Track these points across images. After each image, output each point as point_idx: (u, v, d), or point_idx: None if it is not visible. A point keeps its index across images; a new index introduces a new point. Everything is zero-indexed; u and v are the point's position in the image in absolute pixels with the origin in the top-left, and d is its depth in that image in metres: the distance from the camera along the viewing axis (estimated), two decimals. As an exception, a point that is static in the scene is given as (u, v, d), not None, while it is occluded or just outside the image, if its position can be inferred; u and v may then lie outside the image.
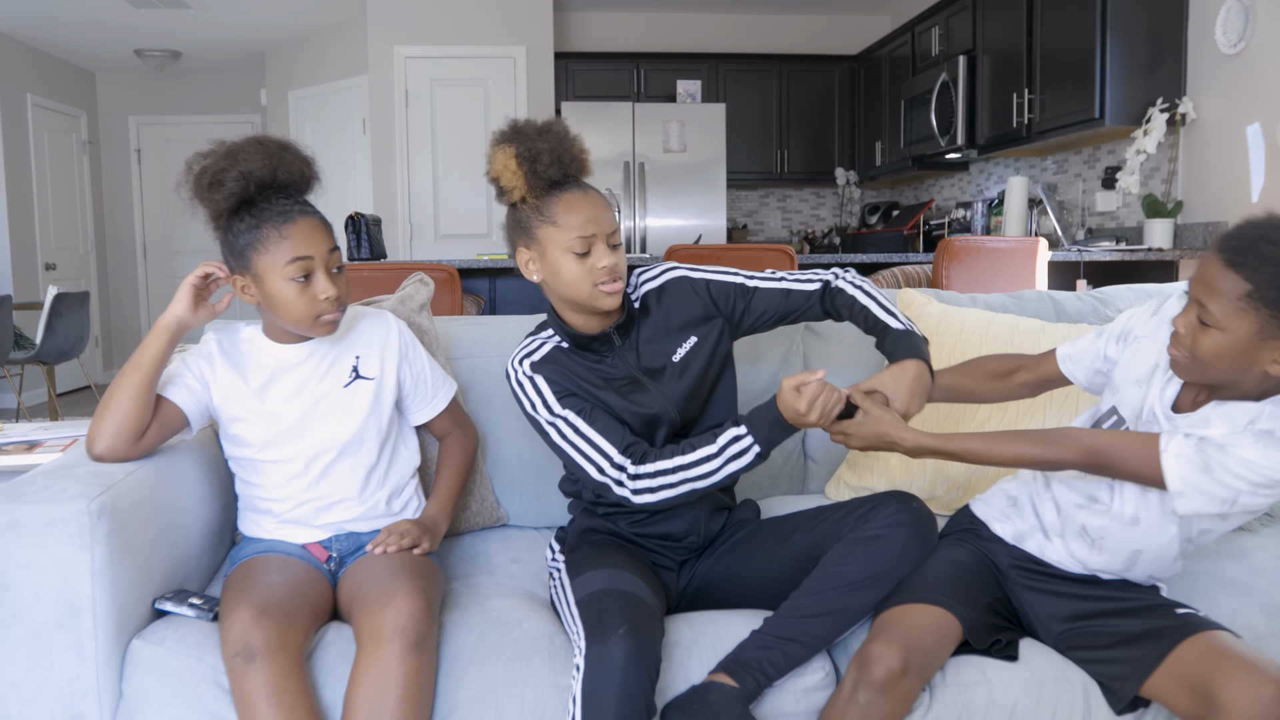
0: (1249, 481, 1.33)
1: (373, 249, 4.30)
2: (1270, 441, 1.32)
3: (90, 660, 1.42)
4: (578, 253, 1.60)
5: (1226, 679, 1.31)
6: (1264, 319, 1.28)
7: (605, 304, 1.63)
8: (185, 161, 1.64)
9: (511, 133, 1.63)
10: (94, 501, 1.42)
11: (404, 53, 6.82)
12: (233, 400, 1.69)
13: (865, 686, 1.40)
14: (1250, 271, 1.28)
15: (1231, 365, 1.34)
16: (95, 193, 8.64)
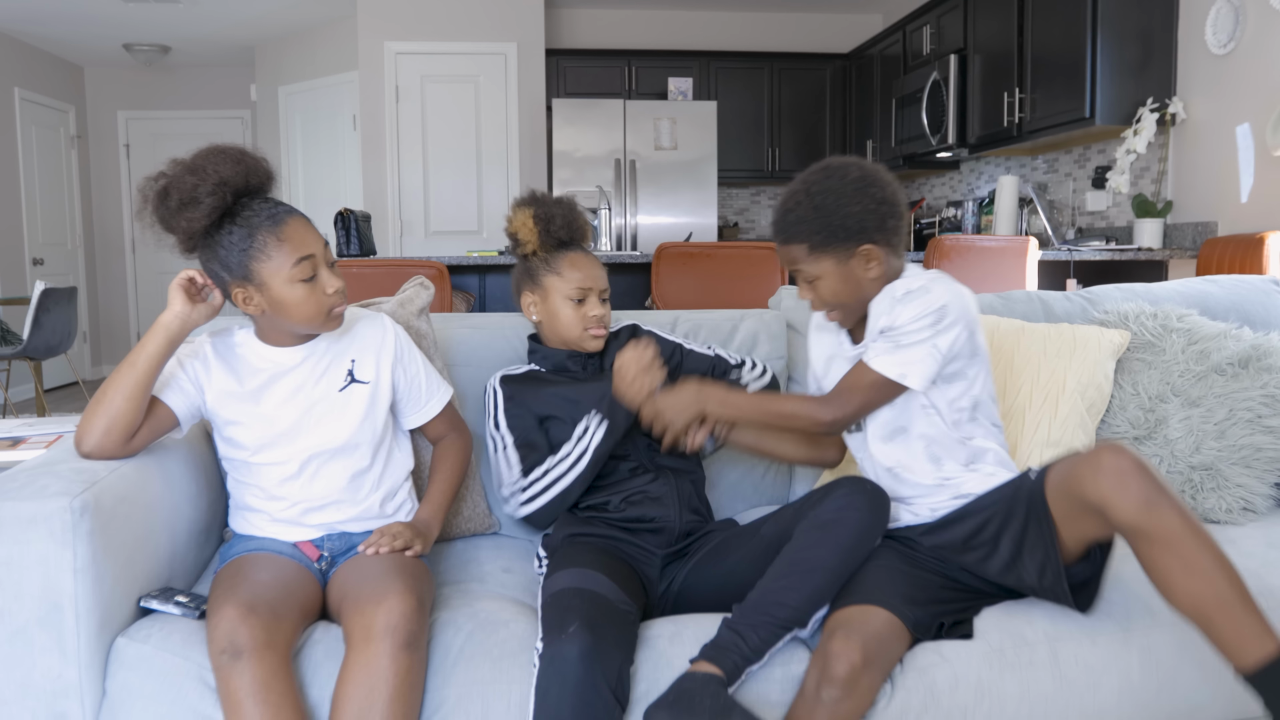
0: (925, 326, 1.60)
1: (362, 246, 4.29)
2: (910, 297, 1.62)
3: (73, 659, 1.41)
4: (575, 300, 1.93)
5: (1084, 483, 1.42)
6: (831, 253, 1.65)
7: (591, 345, 1.96)
8: (138, 189, 1.58)
9: (530, 199, 1.99)
10: (76, 499, 1.41)
11: (395, 49, 6.80)
12: (228, 404, 1.68)
13: (829, 683, 1.41)
14: (796, 238, 1.66)
15: (851, 289, 1.67)
16: (83, 187, 8.60)
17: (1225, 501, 1.95)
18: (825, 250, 1.65)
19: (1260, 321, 2.32)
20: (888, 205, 1.65)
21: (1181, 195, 4.47)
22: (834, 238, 1.64)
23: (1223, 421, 1.99)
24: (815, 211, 1.64)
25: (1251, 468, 1.98)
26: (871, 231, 1.64)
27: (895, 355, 1.61)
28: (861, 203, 1.63)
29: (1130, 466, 1.39)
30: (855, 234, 1.63)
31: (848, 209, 1.63)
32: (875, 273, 1.66)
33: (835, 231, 1.63)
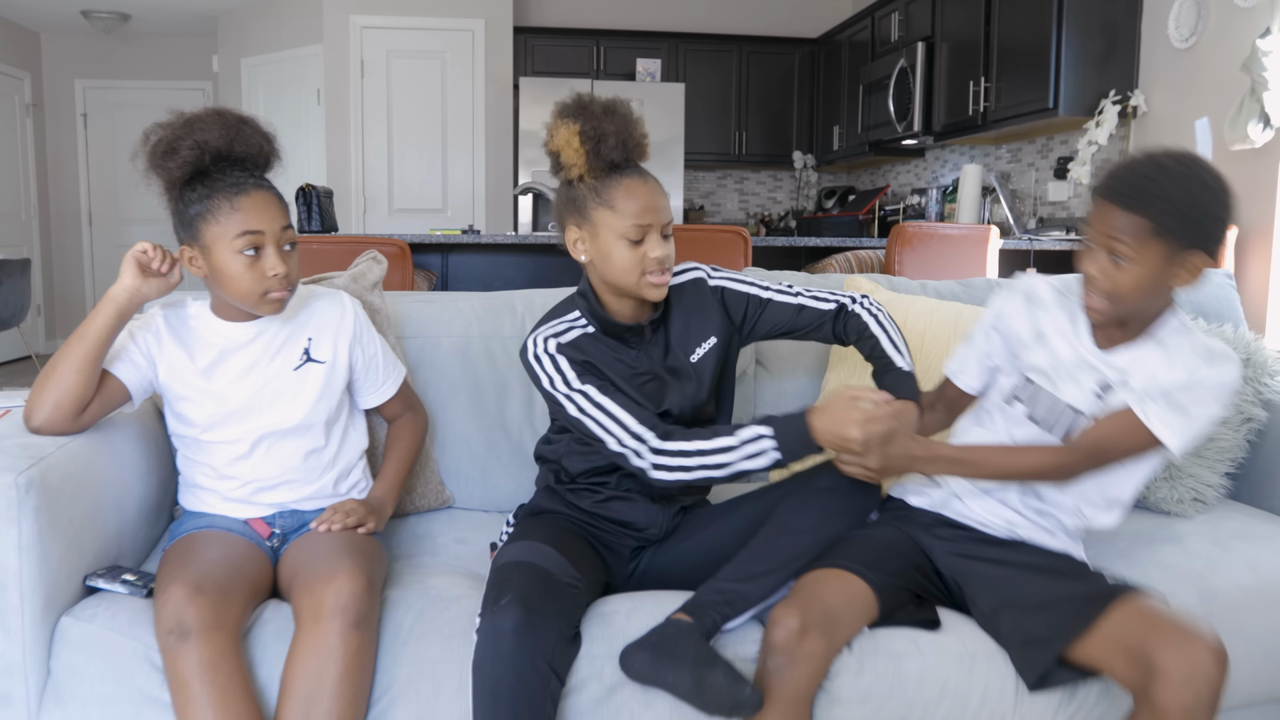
0: (1223, 399, 1.49)
1: (324, 222, 4.24)
2: (1219, 360, 1.49)
3: (16, 638, 1.39)
4: (632, 240, 1.57)
5: (1164, 644, 1.35)
6: (1169, 245, 1.45)
7: (651, 294, 1.61)
8: (143, 131, 1.59)
9: (576, 108, 1.59)
10: (22, 475, 1.38)
11: (360, 22, 6.70)
12: (179, 378, 1.65)
13: (770, 651, 1.43)
14: (1147, 209, 1.44)
15: (1149, 292, 1.49)
16: (39, 158, 8.41)
17: (1177, 492, 1.98)
18: (1166, 239, 1.45)
19: (1214, 314, 2.35)
20: (1230, 221, 1.49)
21: (1141, 187, 4.52)
22: (1185, 232, 1.44)
23: (1175, 412, 2.02)
24: (1186, 199, 1.44)
25: (1203, 458, 2.01)
26: (1214, 243, 1.47)
27: (1182, 424, 1.48)
28: (1225, 212, 1.47)
29: (1214, 671, 1.33)
30: (1202, 239, 1.46)
31: (1213, 212, 1.46)
32: (1183, 284, 1.49)
33: (1191, 226, 1.44)
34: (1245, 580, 1.71)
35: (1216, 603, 1.66)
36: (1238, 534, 1.86)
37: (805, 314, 1.75)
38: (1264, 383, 2.04)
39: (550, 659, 1.39)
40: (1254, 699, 1.71)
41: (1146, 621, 1.40)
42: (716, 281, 1.75)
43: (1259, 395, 2.04)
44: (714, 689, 1.36)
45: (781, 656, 1.42)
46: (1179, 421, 1.48)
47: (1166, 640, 1.36)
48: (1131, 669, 1.38)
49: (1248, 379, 2.03)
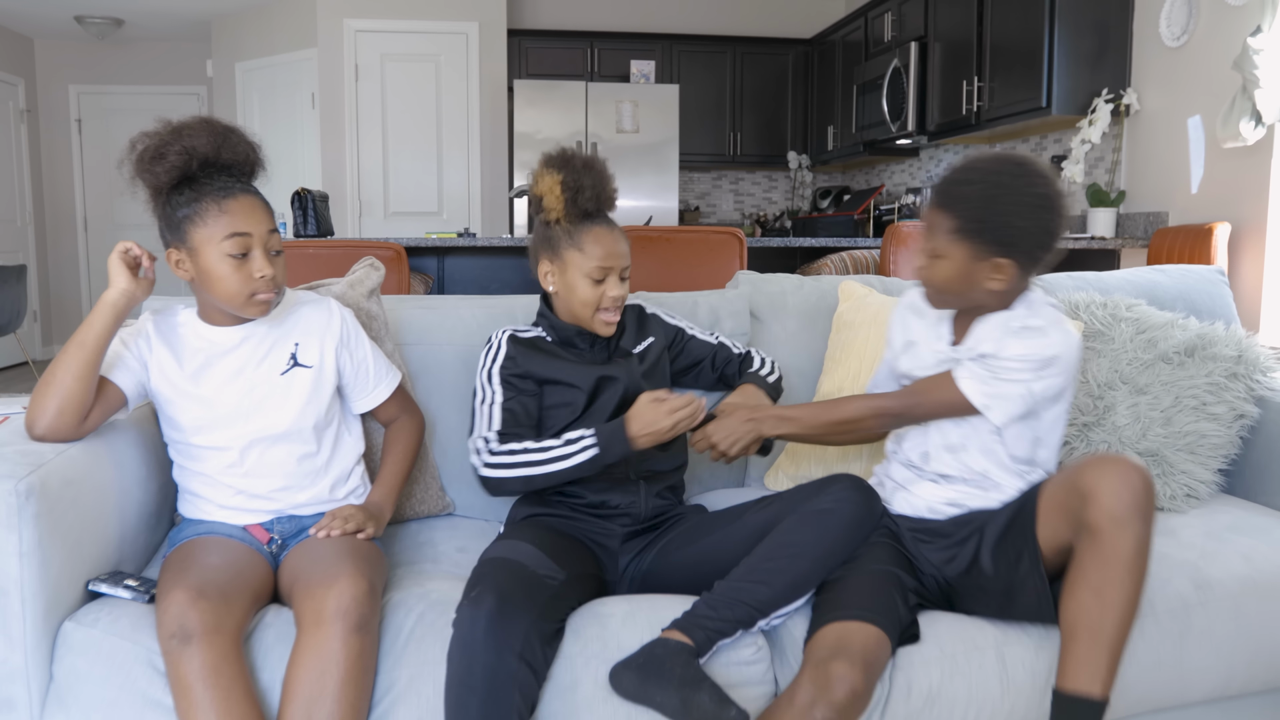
0: (1028, 369, 1.57)
1: (319, 226, 4.25)
2: (1026, 333, 1.58)
3: (18, 644, 1.40)
4: (595, 279, 1.79)
5: (1088, 474, 1.46)
6: (973, 246, 1.57)
7: (601, 330, 1.83)
8: (129, 139, 1.62)
9: (561, 160, 1.82)
10: (22, 481, 1.39)
11: (354, 26, 6.71)
12: (168, 382, 1.67)
13: (825, 704, 1.40)
14: (953, 210, 1.58)
15: (961, 285, 1.62)
16: (33, 163, 8.41)
17: (1170, 488, 1.99)
18: (969, 239, 1.57)
19: (1206, 311, 2.36)
20: (1048, 237, 1.59)
21: (1134, 185, 4.54)
22: (984, 234, 1.56)
23: (1169, 409, 2.03)
24: (985, 204, 1.56)
25: (1196, 454, 2.02)
26: (1020, 250, 1.57)
27: (988, 385, 1.60)
28: (1030, 221, 1.56)
29: (1139, 482, 1.43)
30: (1004, 245, 1.56)
31: (1014, 222, 1.56)
32: (997, 286, 1.60)
33: (990, 230, 1.56)
34: (1240, 570, 1.72)
35: (1211, 592, 1.67)
36: (1231, 526, 1.87)
37: (721, 351, 2.02)
38: (1256, 379, 2.06)
39: (521, 650, 1.41)
40: (1249, 689, 1.72)
41: (1070, 473, 1.51)
42: (652, 310, 2.02)
43: (1251, 392, 2.05)
44: (699, 710, 1.38)
45: (834, 713, 1.39)
46: (985, 385, 1.60)
47: (1089, 470, 1.46)
48: (1072, 520, 1.48)
49: (1239, 375, 2.04)
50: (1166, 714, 1.71)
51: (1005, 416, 1.61)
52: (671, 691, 1.39)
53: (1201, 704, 1.72)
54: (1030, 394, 1.59)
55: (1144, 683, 1.62)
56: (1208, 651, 1.65)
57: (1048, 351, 1.57)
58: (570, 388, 1.81)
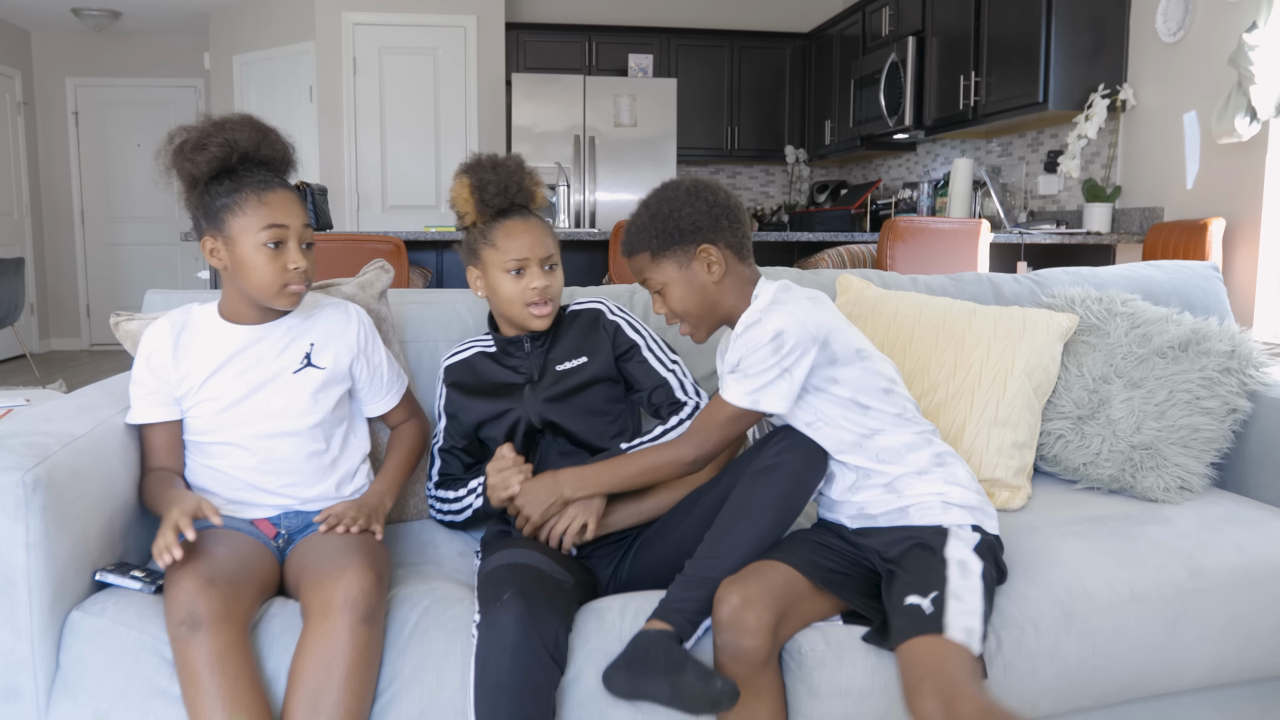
0: (765, 356, 1.59)
1: (318, 219, 4.26)
2: (747, 330, 1.63)
3: (25, 634, 1.41)
4: (512, 273, 1.80)
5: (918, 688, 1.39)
6: (670, 258, 1.68)
7: (534, 324, 1.83)
8: (168, 132, 1.66)
9: (470, 165, 1.85)
10: (29, 473, 1.40)
11: (352, 19, 6.71)
12: (187, 389, 1.70)
13: (718, 629, 1.46)
14: (639, 247, 1.70)
15: (697, 298, 1.70)
16: (30, 156, 8.40)
17: (1163, 480, 2.01)
18: (665, 253, 1.68)
19: (1200, 306, 2.38)
20: (720, 208, 1.68)
21: (1130, 181, 4.56)
22: (670, 239, 1.67)
23: (1163, 403, 2.05)
24: (653, 219, 1.69)
25: (1189, 447, 2.03)
26: (706, 231, 1.67)
27: (744, 384, 1.61)
28: (694, 205, 1.68)
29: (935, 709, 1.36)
30: (690, 233, 1.67)
31: (681, 211, 1.68)
32: (716, 275, 1.68)
33: (671, 234, 1.67)
34: (1233, 560, 1.74)
35: (1204, 580, 1.69)
36: (1225, 518, 1.89)
37: (660, 391, 1.89)
38: (1249, 374, 2.07)
39: (552, 650, 1.43)
40: (1240, 677, 1.74)
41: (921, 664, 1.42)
42: (614, 318, 1.93)
43: (1244, 387, 2.07)
44: (689, 690, 1.39)
45: (729, 632, 1.44)
46: (742, 385, 1.61)
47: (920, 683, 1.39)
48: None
49: (1232, 370, 2.06)
50: (1159, 701, 1.73)
51: (779, 400, 1.60)
52: (660, 680, 1.41)
53: (1193, 691, 1.74)
54: (785, 371, 1.59)
55: (1136, 666, 1.64)
56: (1200, 639, 1.67)
57: (769, 333, 1.59)
58: (493, 422, 1.87)
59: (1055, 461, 2.15)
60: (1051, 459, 2.15)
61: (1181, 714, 1.76)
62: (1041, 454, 2.16)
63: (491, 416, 1.87)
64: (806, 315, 1.61)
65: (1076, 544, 1.77)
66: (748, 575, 1.51)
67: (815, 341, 1.61)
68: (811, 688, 1.50)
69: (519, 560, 1.56)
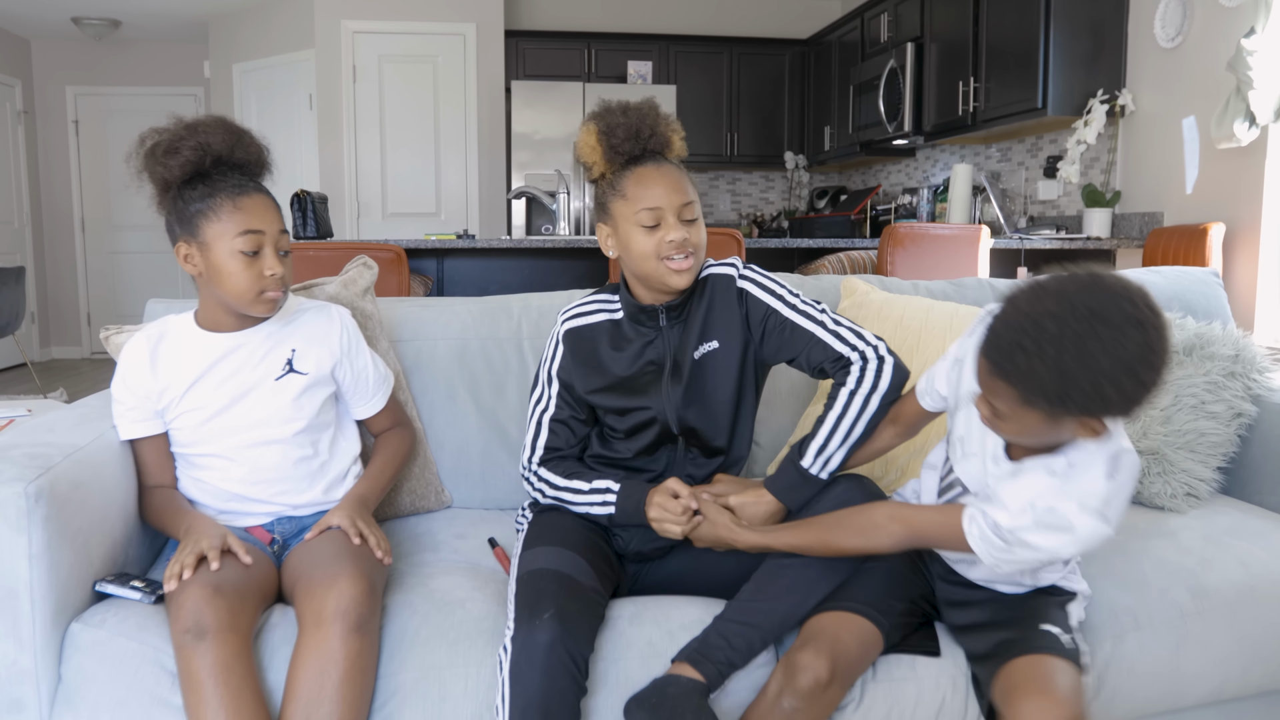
0: (1047, 555, 1.35)
1: (318, 228, 4.26)
2: (1045, 530, 1.33)
3: (28, 645, 1.41)
4: (646, 225, 1.60)
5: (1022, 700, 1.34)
6: (1045, 411, 1.25)
7: (674, 281, 1.61)
8: (139, 135, 1.63)
9: (599, 111, 1.67)
10: (31, 484, 1.40)
11: (352, 27, 6.72)
12: (169, 402, 1.68)
13: (791, 693, 1.41)
14: (1015, 381, 1.25)
15: (1039, 440, 1.35)
16: (30, 165, 8.41)
17: (1170, 487, 2.00)
18: (1039, 407, 1.25)
19: (1202, 311, 2.38)
20: (1146, 395, 1.21)
21: (1129, 186, 4.56)
22: (1057, 406, 1.23)
23: (1168, 407, 2.05)
24: (1056, 374, 1.20)
25: (1196, 452, 2.03)
26: (1102, 411, 1.24)
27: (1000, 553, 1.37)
28: (1121, 390, 1.20)
29: None
30: (1084, 409, 1.23)
31: (1094, 381, 1.19)
32: (1089, 437, 1.31)
33: (1064, 401, 1.22)
34: (1237, 577, 1.73)
35: (1208, 600, 1.68)
36: (1230, 530, 1.88)
37: (816, 350, 1.65)
38: (1253, 379, 2.07)
39: (580, 670, 1.42)
40: (1244, 692, 1.73)
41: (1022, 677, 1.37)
42: (742, 283, 1.69)
43: (1248, 391, 2.07)
44: None
45: (800, 701, 1.40)
46: (998, 551, 1.37)
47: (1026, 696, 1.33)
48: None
49: (1236, 374, 2.06)
50: (1161, 718, 1.72)
51: (1009, 571, 1.45)
52: None
53: (1196, 708, 1.73)
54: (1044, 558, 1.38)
55: (1140, 693, 1.64)
56: (1204, 659, 1.66)
57: (1064, 553, 1.35)
58: (618, 416, 1.71)
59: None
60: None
61: (1185, 728, 1.76)
62: (1046, 461, 2.16)
63: (617, 410, 1.70)
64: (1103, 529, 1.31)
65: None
66: (833, 645, 1.43)
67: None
68: None
69: (563, 569, 1.50)
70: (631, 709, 1.44)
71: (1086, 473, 1.31)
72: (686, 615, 1.57)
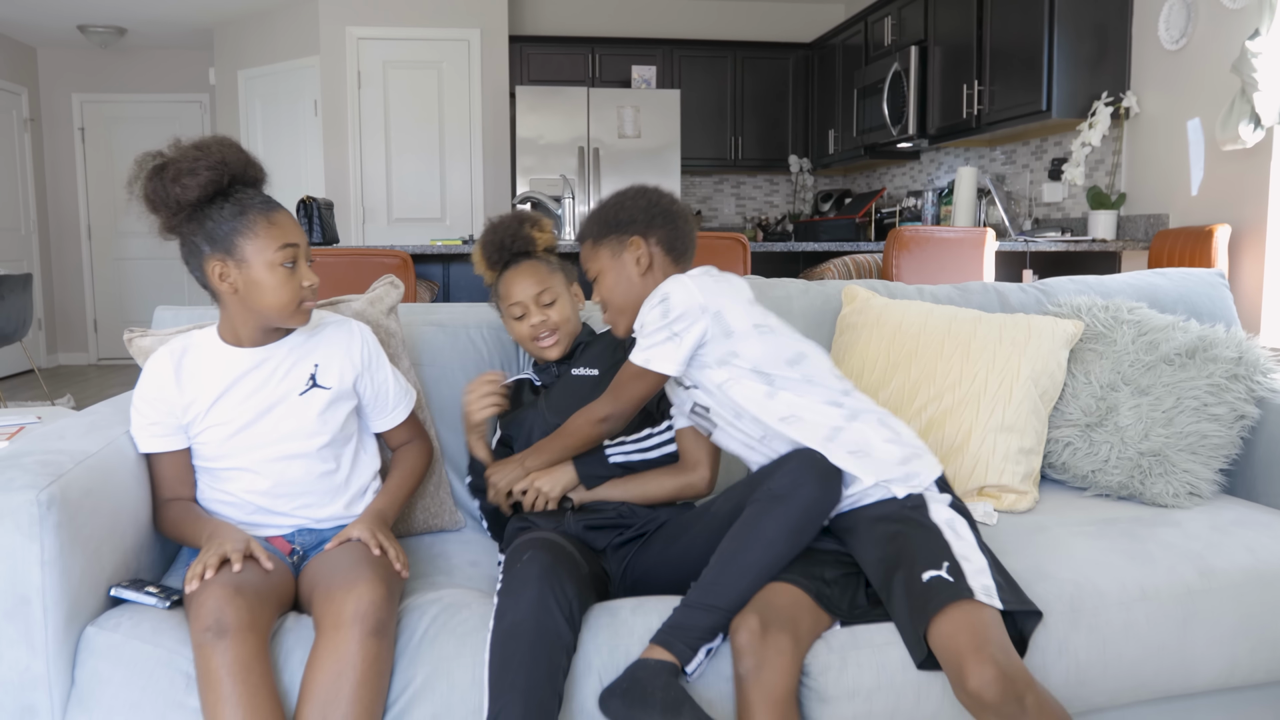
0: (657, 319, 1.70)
1: (324, 234, 4.27)
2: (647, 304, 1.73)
3: (40, 651, 1.42)
4: (515, 317, 1.97)
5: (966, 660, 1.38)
6: (605, 247, 1.82)
7: (548, 355, 1.98)
8: (135, 161, 1.62)
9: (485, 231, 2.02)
10: (43, 492, 1.41)
11: (356, 33, 6.74)
12: (193, 417, 1.69)
13: (739, 657, 1.46)
14: (583, 235, 1.85)
15: (623, 288, 1.81)
16: (37, 172, 8.44)
17: (1172, 486, 2.01)
18: (601, 242, 1.82)
19: (1207, 313, 2.38)
20: (659, 209, 1.81)
21: (1134, 188, 4.56)
22: (606, 229, 1.81)
23: (1170, 409, 2.05)
24: (599, 210, 1.84)
25: (1197, 454, 2.04)
26: (639, 225, 1.80)
27: (640, 350, 1.73)
28: (635, 201, 1.82)
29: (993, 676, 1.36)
30: (624, 225, 1.80)
31: (622, 205, 1.82)
32: (643, 267, 1.79)
33: (608, 224, 1.81)
34: (1244, 561, 1.75)
35: (1215, 580, 1.70)
36: (1236, 521, 1.90)
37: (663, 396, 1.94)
38: (1256, 380, 2.08)
39: (567, 612, 1.47)
40: (1252, 680, 1.74)
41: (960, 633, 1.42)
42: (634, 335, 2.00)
43: (1251, 393, 2.07)
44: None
45: (750, 659, 1.45)
46: (640, 350, 1.72)
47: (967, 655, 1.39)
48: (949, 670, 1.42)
49: (1239, 377, 2.06)
50: (1172, 703, 1.73)
51: (668, 361, 1.70)
52: (656, 716, 1.40)
53: (1206, 694, 1.74)
54: (673, 334, 1.69)
55: (1148, 666, 1.64)
56: (1211, 639, 1.67)
57: (657, 299, 1.71)
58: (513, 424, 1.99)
59: (1064, 469, 2.15)
60: (1060, 466, 2.16)
61: (1194, 716, 1.76)
62: (1050, 461, 2.17)
63: (513, 422, 1.99)
64: (697, 286, 1.71)
65: (1086, 543, 1.78)
66: (758, 601, 1.52)
67: (705, 311, 1.69)
68: (820, 693, 1.51)
69: (542, 536, 1.62)
70: (605, 698, 1.46)
71: None
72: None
